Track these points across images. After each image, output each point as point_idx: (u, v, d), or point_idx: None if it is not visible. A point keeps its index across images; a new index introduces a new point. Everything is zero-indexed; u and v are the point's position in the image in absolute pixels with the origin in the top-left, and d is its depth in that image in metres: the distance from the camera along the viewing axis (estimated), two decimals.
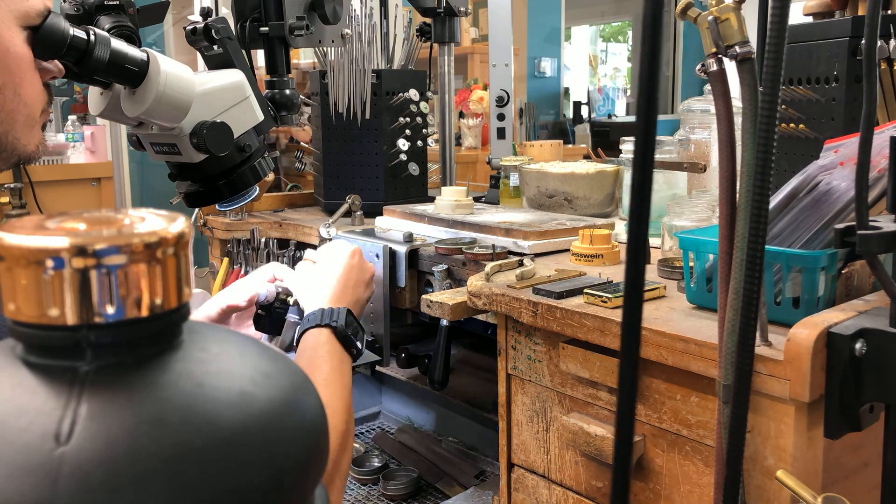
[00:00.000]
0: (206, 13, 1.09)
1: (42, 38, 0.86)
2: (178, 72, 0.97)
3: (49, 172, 3.14)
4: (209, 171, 1.07)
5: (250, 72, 1.10)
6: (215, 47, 1.09)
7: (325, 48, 1.69)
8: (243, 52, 1.12)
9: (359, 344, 1.04)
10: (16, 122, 0.85)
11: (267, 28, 1.21)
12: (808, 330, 0.74)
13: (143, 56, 0.95)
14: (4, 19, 0.82)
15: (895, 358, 0.70)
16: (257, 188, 1.13)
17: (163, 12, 1.21)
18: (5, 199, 2.93)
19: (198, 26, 1.09)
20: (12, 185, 2.94)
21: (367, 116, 1.70)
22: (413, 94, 1.72)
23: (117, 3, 1.08)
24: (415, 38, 1.83)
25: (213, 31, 1.07)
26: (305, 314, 1.07)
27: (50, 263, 0.31)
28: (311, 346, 1.00)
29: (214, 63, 1.10)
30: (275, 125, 1.16)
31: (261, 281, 1.17)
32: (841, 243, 0.68)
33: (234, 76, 1.07)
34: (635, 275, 0.36)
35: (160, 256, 0.32)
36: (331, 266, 1.14)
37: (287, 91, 1.21)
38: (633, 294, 0.36)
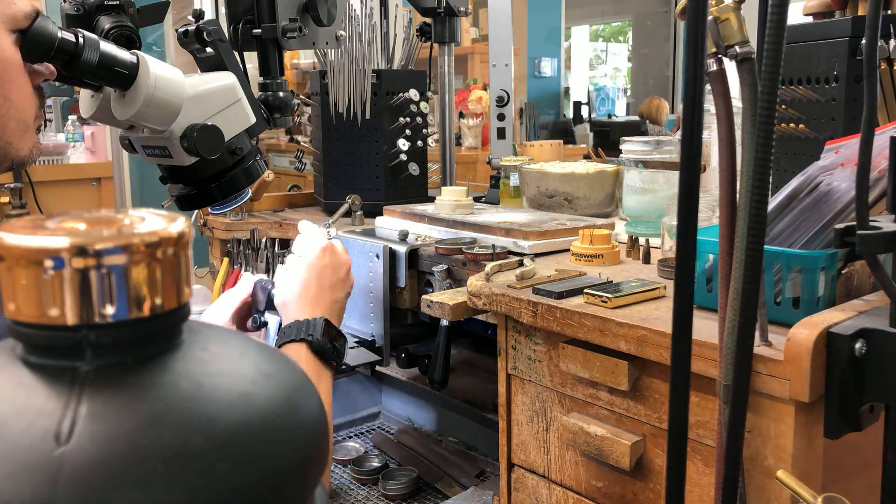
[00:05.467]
0: (198, 15, 1.09)
1: (30, 41, 0.86)
2: (168, 74, 0.97)
3: (49, 172, 3.14)
4: (201, 173, 1.06)
5: (243, 74, 1.10)
6: (207, 49, 1.09)
7: (322, 49, 1.69)
8: (235, 54, 1.12)
9: (339, 353, 1.02)
10: (7, 126, 0.85)
11: (260, 30, 1.20)
12: (808, 330, 0.74)
13: (133, 59, 0.94)
14: None
15: (895, 358, 0.70)
16: (249, 191, 1.12)
17: (163, 12, 1.21)
18: (5, 199, 2.93)
19: (189, 28, 1.08)
20: (12, 185, 2.94)
21: (367, 116, 1.70)
22: (413, 94, 1.72)
23: (117, 3, 1.08)
24: (415, 38, 1.83)
25: (204, 34, 1.07)
26: (282, 326, 1.06)
27: (50, 263, 0.31)
28: None
29: (207, 65, 1.10)
30: (267, 127, 1.15)
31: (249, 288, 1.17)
32: (841, 243, 0.68)
33: (226, 78, 1.06)
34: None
35: (160, 256, 0.32)
36: (302, 271, 1.11)
37: (281, 93, 1.19)
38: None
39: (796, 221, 0.86)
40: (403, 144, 1.73)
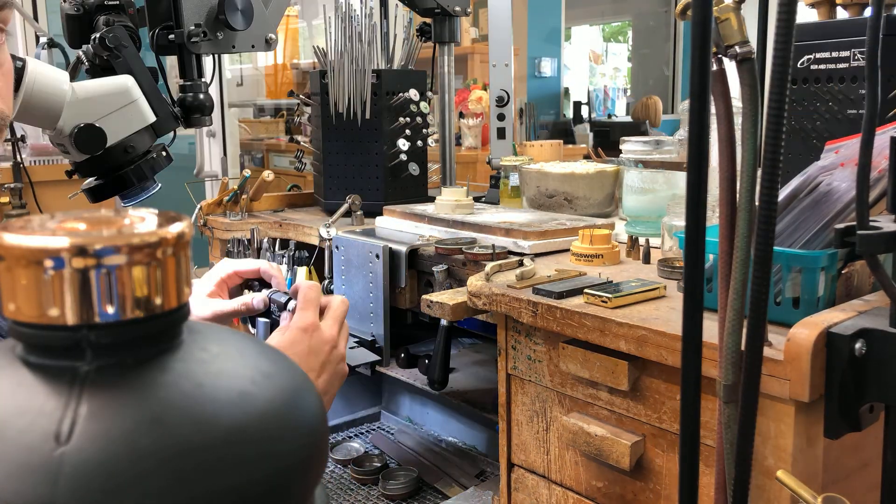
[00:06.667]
0: (107, 23, 1.16)
1: None
2: (47, 80, 1.05)
3: (49, 172, 3.14)
4: (98, 169, 1.15)
5: (149, 76, 1.17)
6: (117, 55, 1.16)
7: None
8: (140, 58, 1.18)
9: None
10: None
11: (173, 35, 1.27)
12: (808, 330, 0.74)
13: (20, 63, 1.01)
14: None
15: (895, 358, 0.70)
16: (159, 184, 1.20)
17: None
18: (5, 199, 2.92)
19: (97, 37, 1.16)
20: (12, 185, 2.93)
21: (367, 116, 1.70)
22: (413, 94, 1.72)
23: (117, 3, 1.09)
24: (415, 38, 1.83)
25: (105, 41, 1.13)
26: None
27: (50, 263, 0.31)
28: None
29: (122, 69, 1.17)
30: (177, 126, 1.23)
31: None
32: (841, 243, 0.68)
33: (120, 81, 1.13)
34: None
35: (160, 256, 0.32)
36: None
37: (200, 95, 1.27)
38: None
39: (796, 221, 0.86)
40: (403, 144, 1.73)
